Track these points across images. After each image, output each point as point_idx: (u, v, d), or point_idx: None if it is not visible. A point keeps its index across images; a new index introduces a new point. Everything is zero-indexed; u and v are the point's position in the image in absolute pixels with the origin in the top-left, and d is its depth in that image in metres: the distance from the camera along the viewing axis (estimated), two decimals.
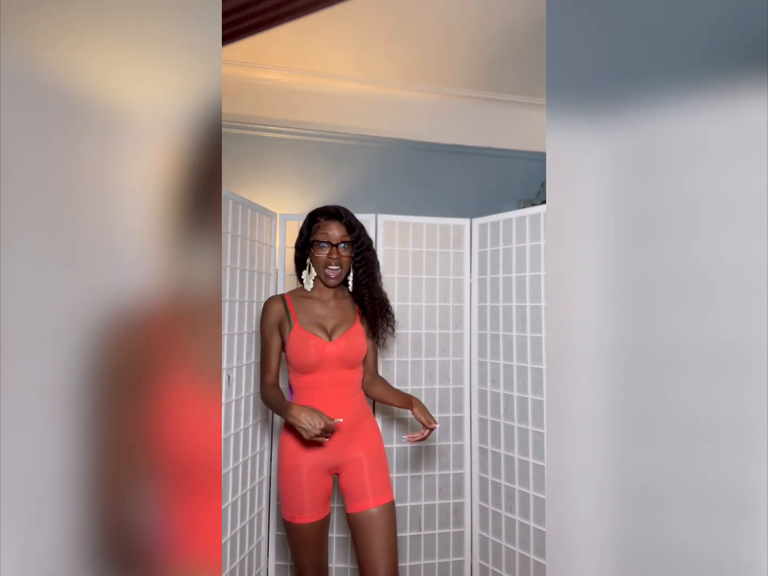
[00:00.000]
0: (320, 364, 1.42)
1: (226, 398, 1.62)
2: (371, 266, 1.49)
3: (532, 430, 1.74)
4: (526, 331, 1.77)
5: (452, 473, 1.94)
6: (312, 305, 1.49)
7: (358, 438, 1.45)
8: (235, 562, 1.66)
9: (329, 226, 1.45)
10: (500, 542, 1.83)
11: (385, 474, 1.46)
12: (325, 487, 1.44)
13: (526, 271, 1.78)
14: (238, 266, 1.69)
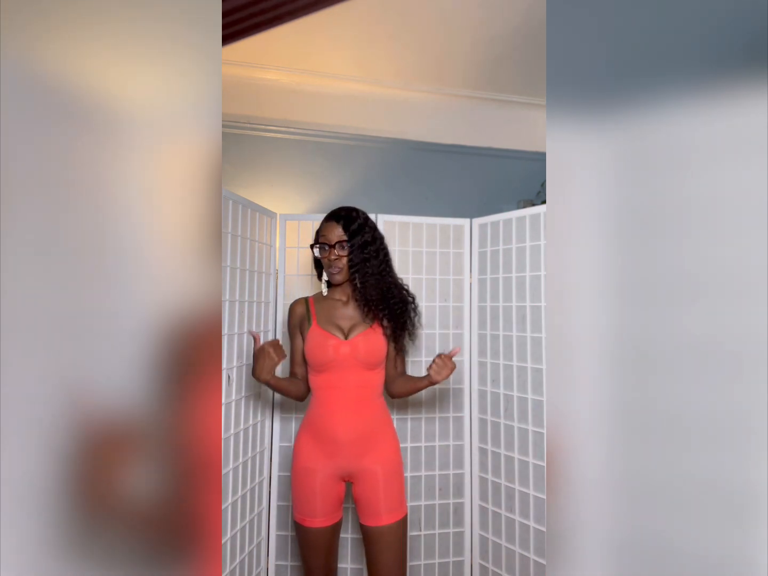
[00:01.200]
0: (334, 362, 1.42)
1: (226, 398, 1.62)
2: (365, 265, 1.46)
3: (532, 430, 1.74)
4: (526, 331, 1.77)
5: (452, 473, 1.94)
6: (331, 306, 1.52)
7: (376, 449, 1.44)
8: (235, 562, 1.66)
9: (327, 228, 1.48)
10: (500, 542, 1.82)
11: (399, 489, 1.45)
12: (337, 493, 1.45)
13: (526, 271, 1.78)
14: (238, 266, 1.69)
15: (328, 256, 1.46)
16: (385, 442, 1.47)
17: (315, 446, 1.44)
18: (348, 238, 1.45)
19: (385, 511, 1.40)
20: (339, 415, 1.42)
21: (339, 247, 1.46)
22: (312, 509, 1.41)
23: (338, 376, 1.43)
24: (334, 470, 1.43)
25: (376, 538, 1.40)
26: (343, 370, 1.43)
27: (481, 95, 3.08)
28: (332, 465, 1.42)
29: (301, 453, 1.46)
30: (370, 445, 1.43)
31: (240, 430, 1.71)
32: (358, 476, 1.43)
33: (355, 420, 1.42)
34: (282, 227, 1.99)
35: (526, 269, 1.78)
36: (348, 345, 1.43)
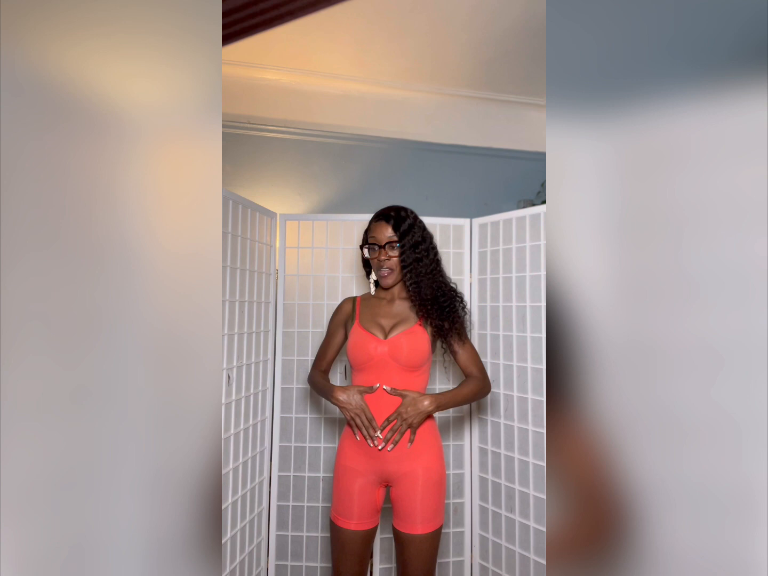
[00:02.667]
0: (372, 361, 1.41)
1: (226, 398, 1.62)
2: (418, 265, 1.45)
3: (532, 430, 1.74)
4: (526, 331, 1.77)
5: (452, 473, 1.94)
6: (376, 305, 1.52)
7: (419, 456, 1.41)
8: (235, 562, 1.66)
9: (377, 228, 1.48)
10: (500, 542, 1.82)
11: (438, 499, 1.41)
12: (375, 499, 1.44)
13: (526, 271, 1.78)
14: (238, 266, 1.69)
15: (378, 257, 1.46)
16: (428, 448, 1.43)
17: (356, 448, 1.43)
18: (398, 239, 1.45)
19: (420, 521, 1.38)
20: (379, 417, 1.40)
21: (389, 248, 1.45)
22: (349, 510, 1.41)
23: (378, 377, 1.41)
24: (374, 474, 1.42)
25: (407, 545, 1.39)
26: (383, 370, 1.41)
27: (481, 95, 3.08)
28: (372, 468, 1.41)
29: (344, 452, 1.46)
30: (412, 450, 1.40)
31: (240, 430, 1.71)
32: (397, 481, 1.41)
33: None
34: (282, 227, 1.99)
35: (526, 269, 1.78)
36: (387, 344, 1.42)
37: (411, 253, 1.45)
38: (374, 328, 1.46)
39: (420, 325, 1.46)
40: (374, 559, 1.90)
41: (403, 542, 1.39)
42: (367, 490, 1.42)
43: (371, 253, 1.48)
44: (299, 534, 1.91)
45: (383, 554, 1.90)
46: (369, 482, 1.42)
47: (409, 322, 1.47)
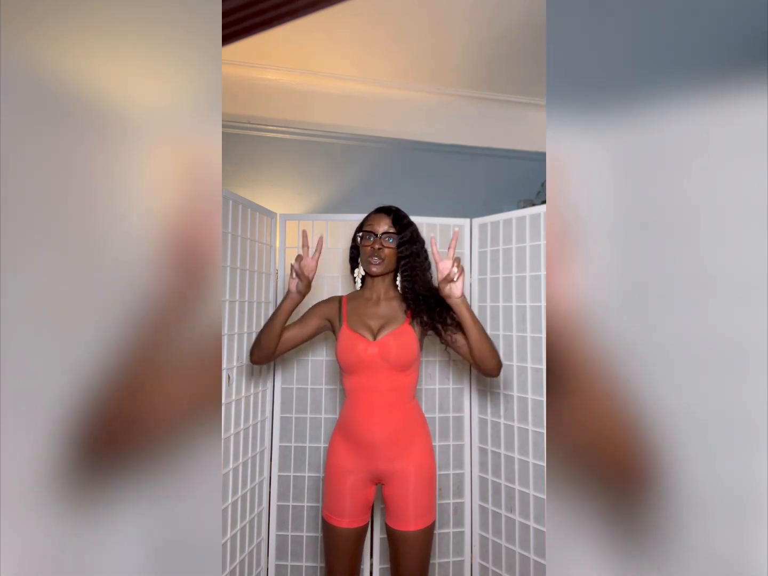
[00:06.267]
0: (362, 364, 1.41)
1: (226, 398, 1.62)
2: (414, 259, 1.48)
3: (532, 430, 1.74)
4: (526, 331, 1.77)
5: (452, 473, 1.94)
6: (362, 306, 1.51)
7: (410, 453, 1.42)
8: (235, 562, 1.66)
9: (375, 219, 1.50)
10: (500, 542, 1.82)
11: (429, 495, 1.43)
12: (366, 496, 1.44)
13: (526, 271, 1.78)
14: (238, 266, 1.69)
15: (372, 245, 1.46)
16: (419, 445, 1.44)
17: (348, 447, 1.43)
18: (397, 231, 1.47)
19: (413, 517, 1.38)
20: (370, 417, 1.41)
21: (385, 238, 1.46)
22: (341, 509, 1.41)
23: (368, 378, 1.41)
24: (366, 472, 1.42)
25: (401, 542, 1.39)
26: (373, 371, 1.41)
27: (481, 95, 3.08)
28: (364, 467, 1.42)
29: (335, 452, 1.46)
30: (403, 448, 1.41)
31: (240, 430, 1.71)
32: (389, 479, 1.42)
33: (386, 422, 1.40)
34: (282, 227, 1.99)
35: (526, 269, 1.78)
36: (376, 346, 1.41)
37: (409, 246, 1.48)
38: (363, 330, 1.45)
39: (408, 324, 1.46)
40: (374, 560, 1.90)
41: (397, 540, 1.40)
42: (359, 487, 1.42)
43: (365, 241, 1.48)
44: (299, 534, 1.91)
45: (383, 554, 1.90)
46: (360, 480, 1.42)
47: (397, 322, 1.46)
